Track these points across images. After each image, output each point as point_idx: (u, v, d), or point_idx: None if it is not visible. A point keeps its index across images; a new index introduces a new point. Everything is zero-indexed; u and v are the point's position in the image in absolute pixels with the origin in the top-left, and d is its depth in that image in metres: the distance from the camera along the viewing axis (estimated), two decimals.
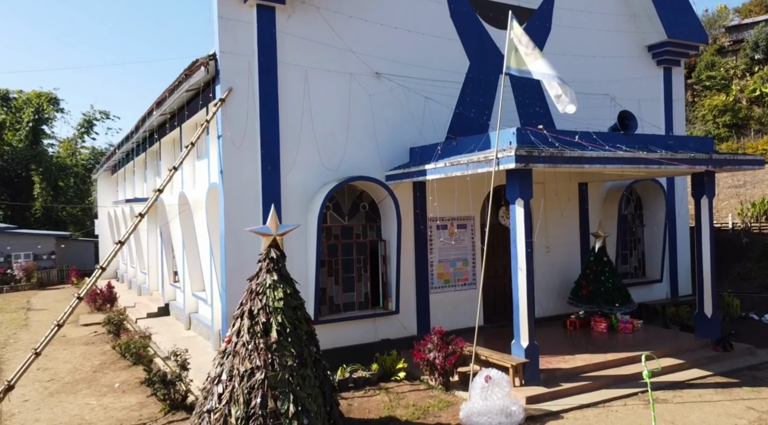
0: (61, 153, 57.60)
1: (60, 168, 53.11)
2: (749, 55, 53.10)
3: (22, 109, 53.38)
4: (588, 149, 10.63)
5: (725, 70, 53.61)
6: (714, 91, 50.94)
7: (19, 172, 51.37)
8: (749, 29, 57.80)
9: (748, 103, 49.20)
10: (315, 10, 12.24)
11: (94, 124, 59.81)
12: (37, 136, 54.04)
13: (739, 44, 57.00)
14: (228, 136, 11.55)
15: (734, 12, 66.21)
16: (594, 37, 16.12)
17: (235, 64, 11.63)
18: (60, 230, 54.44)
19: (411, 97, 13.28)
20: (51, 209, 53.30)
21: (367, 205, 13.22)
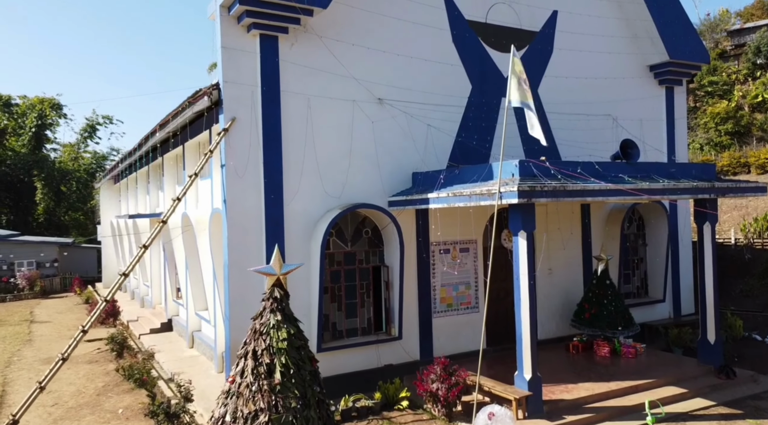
0: (64, 157, 57.67)
1: (62, 173, 53.21)
2: (751, 59, 53.04)
3: (24, 115, 53.46)
4: (590, 181, 10.64)
5: (727, 75, 53.56)
6: (716, 97, 50.90)
7: (21, 177, 51.45)
8: (751, 33, 57.68)
9: (750, 109, 49.15)
10: (317, 38, 12.27)
11: (97, 128, 59.89)
12: (39, 142, 54.16)
13: (741, 48, 56.88)
14: (231, 165, 11.58)
15: (736, 16, 66.14)
16: (595, 59, 16.13)
17: (239, 93, 11.66)
18: (62, 234, 54.58)
19: (413, 123, 13.31)
20: (53, 213, 53.40)
21: (370, 230, 13.25)
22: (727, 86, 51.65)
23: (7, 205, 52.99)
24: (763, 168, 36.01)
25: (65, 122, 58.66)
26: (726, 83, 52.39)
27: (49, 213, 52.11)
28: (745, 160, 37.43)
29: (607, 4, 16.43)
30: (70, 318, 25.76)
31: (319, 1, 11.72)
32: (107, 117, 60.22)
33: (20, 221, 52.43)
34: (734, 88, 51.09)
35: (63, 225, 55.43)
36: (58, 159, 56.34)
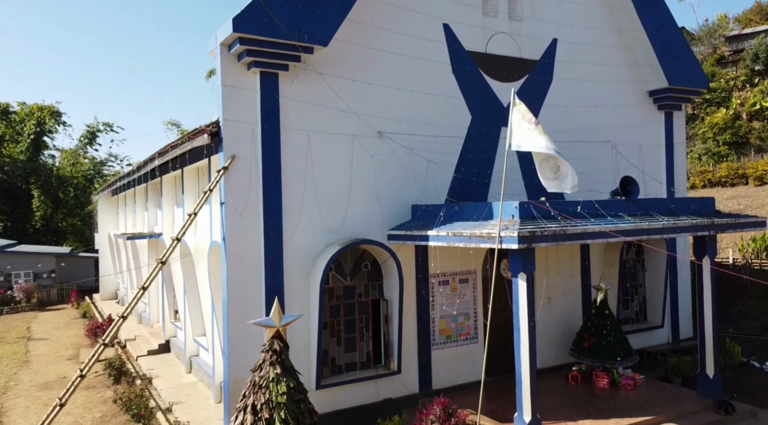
0: (63, 164, 57.56)
1: (60, 180, 53.08)
2: (749, 66, 53.13)
3: (23, 122, 53.32)
4: (590, 222, 10.64)
5: (725, 82, 53.63)
6: (714, 104, 50.99)
7: (19, 184, 51.36)
8: (749, 39, 57.79)
9: (748, 117, 49.22)
10: (318, 75, 12.24)
11: (97, 135, 59.78)
12: (37, 149, 54.03)
13: (739, 54, 56.98)
14: (230, 203, 11.55)
15: (734, 21, 66.22)
16: (595, 88, 16.15)
17: (239, 131, 11.63)
18: (60, 241, 54.52)
19: (413, 157, 13.30)
20: (51, 220, 53.29)
21: (369, 263, 13.24)
22: (725, 93, 51.75)
23: (4, 211, 52.87)
24: (761, 179, 36.08)
25: (64, 130, 58.33)
26: (724, 90, 52.50)
27: (47, 219, 51.97)
28: (743, 171, 37.50)
29: (606, 32, 16.43)
30: (67, 334, 25.69)
31: (320, 39, 11.69)
32: (108, 124, 60.17)
33: (18, 228, 52.31)
34: (732, 95, 51.20)
35: (60, 232, 55.32)
36: (56, 166, 56.16)
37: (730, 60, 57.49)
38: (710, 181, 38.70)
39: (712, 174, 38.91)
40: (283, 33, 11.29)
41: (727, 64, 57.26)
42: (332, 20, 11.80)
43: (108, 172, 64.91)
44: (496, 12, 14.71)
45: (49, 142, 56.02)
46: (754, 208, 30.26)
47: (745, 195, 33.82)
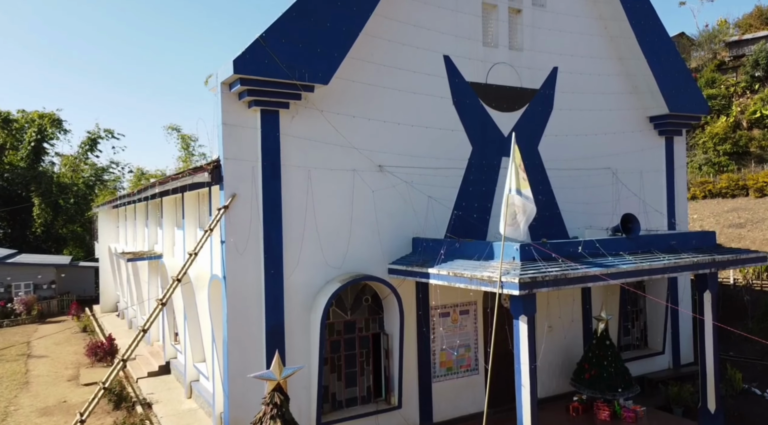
0: (63, 171, 57.53)
1: (61, 187, 53.07)
2: (749, 72, 53.10)
3: (23, 129, 53.29)
4: (591, 264, 10.63)
5: (725, 88, 53.59)
6: (714, 112, 50.93)
7: (19, 192, 51.35)
8: (750, 45, 57.76)
9: (748, 124, 49.19)
10: (318, 112, 12.22)
11: (98, 141, 59.73)
12: (38, 156, 54.02)
13: (739, 60, 56.95)
14: (231, 242, 11.53)
15: (734, 26, 66.19)
16: (596, 116, 16.14)
17: (239, 169, 11.62)
18: (60, 247, 54.50)
19: (414, 192, 13.27)
20: (51, 226, 53.26)
21: (370, 297, 13.23)
22: (725, 100, 51.71)
23: (4, 218, 52.87)
24: (761, 191, 36.07)
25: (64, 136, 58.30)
26: (724, 96, 52.47)
27: (47, 226, 51.94)
28: (744, 182, 37.47)
29: (606, 60, 16.42)
30: (67, 351, 25.65)
31: (321, 77, 11.67)
32: (109, 130, 60.14)
33: (18, 235, 52.32)
34: (732, 103, 51.17)
35: (61, 238, 55.29)
36: (56, 174, 56.13)
37: (730, 66, 57.46)
38: (710, 192, 38.69)
39: (712, 185, 38.90)
40: (283, 72, 11.28)
41: (728, 70, 57.25)
42: (333, 59, 11.78)
43: (108, 177, 65.02)
44: (497, 43, 14.69)
45: (49, 150, 56.08)
46: (754, 222, 30.24)
47: (745, 207, 33.80)
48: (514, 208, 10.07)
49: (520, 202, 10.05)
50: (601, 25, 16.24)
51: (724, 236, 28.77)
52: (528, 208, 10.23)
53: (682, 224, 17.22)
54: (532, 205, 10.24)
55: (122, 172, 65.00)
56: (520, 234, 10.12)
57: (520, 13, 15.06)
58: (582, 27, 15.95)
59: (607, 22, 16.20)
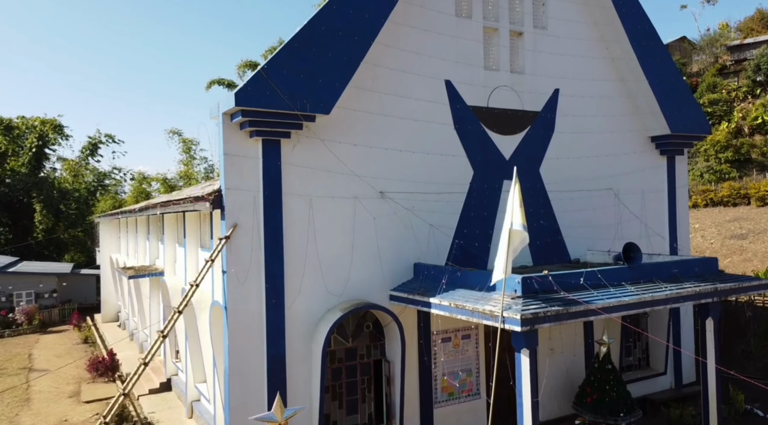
0: (65, 175, 57.59)
1: (62, 193, 53.11)
2: (751, 77, 53.08)
3: (24, 135, 53.32)
4: (594, 295, 10.62)
5: (727, 93, 53.56)
6: (716, 117, 50.88)
7: (20, 198, 51.38)
8: (751, 49, 57.73)
9: (749, 130, 49.14)
10: (320, 141, 12.21)
11: (99, 147, 59.78)
12: (39, 162, 54.06)
13: (740, 64, 56.91)
14: (233, 272, 11.52)
15: (736, 30, 66.16)
16: (597, 138, 16.12)
17: (241, 199, 11.61)
18: (61, 253, 54.52)
19: (415, 220, 13.25)
20: (53, 232, 53.29)
21: (371, 324, 13.21)
22: (727, 106, 51.66)
23: (6, 224, 52.91)
24: (763, 200, 36.01)
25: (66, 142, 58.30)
26: (726, 101, 52.44)
27: (48, 232, 51.95)
28: (745, 191, 37.41)
29: (608, 82, 16.41)
30: (69, 361, 25.64)
31: (322, 107, 11.67)
32: (110, 135, 60.21)
33: (19, 240, 52.30)
34: (734, 109, 51.12)
35: (62, 243, 55.29)
36: (57, 180, 56.16)
37: (731, 70, 57.45)
38: (712, 200, 38.64)
39: (714, 193, 38.85)
40: (285, 103, 11.28)
41: (729, 75, 57.21)
42: (334, 89, 11.77)
43: (110, 182, 65.10)
44: (498, 66, 14.68)
45: (51, 155, 56.16)
46: (756, 233, 30.19)
47: (746, 217, 33.74)
48: (516, 243, 10.04)
49: (521, 237, 10.02)
50: (603, 46, 16.22)
51: (726, 248, 28.75)
52: (525, 238, 10.20)
53: (684, 247, 17.18)
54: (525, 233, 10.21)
55: (124, 177, 65.16)
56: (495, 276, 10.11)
57: (521, 36, 15.04)
58: (583, 49, 15.94)
59: (608, 43, 16.19)
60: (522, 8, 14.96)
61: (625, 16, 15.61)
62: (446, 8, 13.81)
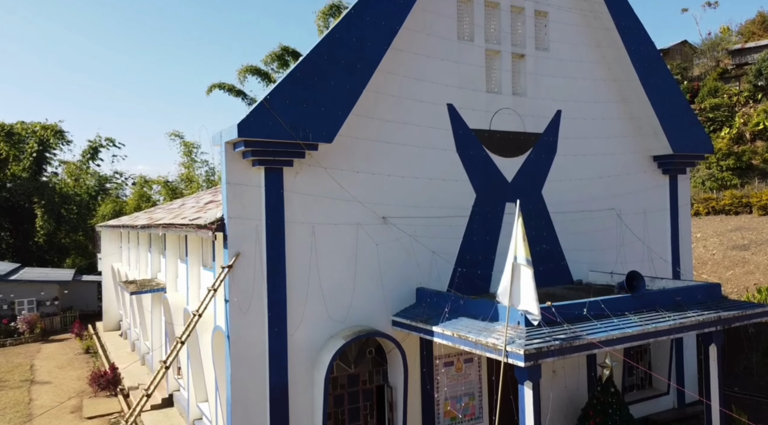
0: (66, 179, 57.64)
1: (63, 197, 53.16)
2: (752, 81, 53.04)
3: (24, 140, 53.33)
4: (597, 330, 10.61)
5: (728, 97, 53.49)
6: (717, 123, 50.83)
7: (22, 203, 51.44)
8: (752, 53, 57.68)
9: (751, 136, 49.09)
10: (322, 169, 12.20)
11: (99, 150, 59.80)
12: (40, 167, 54.09)
13: (742, 68, 56.86)
14: (235, 301, 11.51)
15: (737, 34, 66.13)
16: (600, 159, 16.10)
17: (243, 228, 11.59)
18: (63, 257, 54.55)
19: (417, 246, 13.23)
20: (54, 236, 53.32)
21: (374, 349, 13.21)
22: (728, 111, 51.61)
23: (7, 229, 52.94)
24: (765, 209, 35.95)
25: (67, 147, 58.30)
26: (727, 106, 52.38)
27: (50, 236, 51.97)
28: (747, 200, 37.35)
29: (610, 103, 16.37)
30: (71, 377, 25.66)
31: (325, 136, 11.66)
32: (110, 139, 60.26)
33: (21, 245, 52.40)
34: (735, 114, 51.06)
35: (63, 248, 55.34)
36: (59, 183, 56.20)
37: (733, 74, 57.41)
38: (714, 209, 38.59)
39: (715, 201, 38.80)
40: (287, 133, 11.27)
41: (730, 79, 57.17)
42: (337, 117, 11.76)
43: (111, 186, 65.16)
44: (500, 88, 14.65)
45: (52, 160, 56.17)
46: (758, 244, 30.13)
47: (749, 227, 33.68)
48: (520, 279, 10.03)
49: (527, 273, 10.00)
50: (605, 68, 16.20)
51: (728, 259, 28.69)
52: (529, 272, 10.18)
53: (687, 268, 17.13)
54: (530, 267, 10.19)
55: (125, 181, 65.26)
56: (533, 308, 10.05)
57: (523, 58, 15.01)
58: (585, 71, 15.91)
59: (610, 64, 16.16)
60: (524, 30, 14.94)
61: (627, 37, 15.58)
62: (448, 33, 13.78)
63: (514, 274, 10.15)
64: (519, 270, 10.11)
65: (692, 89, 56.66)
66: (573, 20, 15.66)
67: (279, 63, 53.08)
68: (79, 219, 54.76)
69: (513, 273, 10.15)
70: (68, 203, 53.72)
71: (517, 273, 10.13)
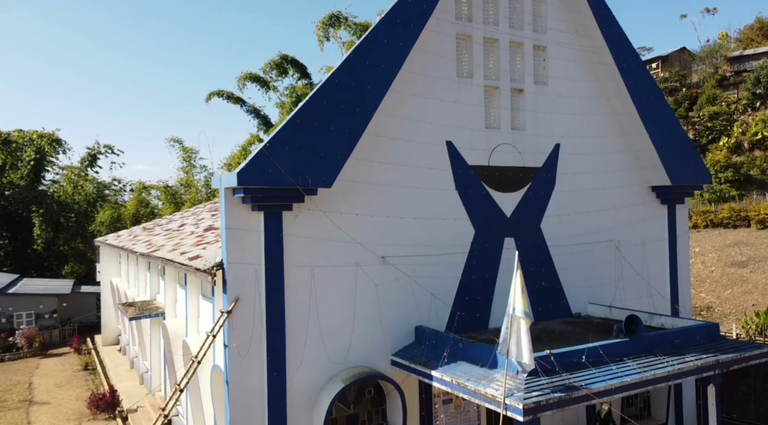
0: (65, 186, 57.60)
1: (61, 205, 53.10)
2: (751, 89, 53.14)
3: (22, 148, 53.28)
4: (596, 378, 10.63)
5: (727, 105, 53.59)
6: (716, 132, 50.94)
7: (20, 211, 51.40)
8: (751, 60, 57.78)
9: (749, 145, 49.20)
10: (321, 212, 12.21)
11: (98, 157, 59.76)
12: (38, 175, 54.04)
13: (740, 75, 56.95)
14: (234, 347, 11.52)
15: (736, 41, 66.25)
16: (598, 193, 16.12)
17: (243, 273, 11.60)
18: (61, 264, 54.53)
19: (416, 287, 13.24)
20: (52, 243, 53.30)
21: (373, 389, 13.21)
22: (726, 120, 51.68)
23: (6, 237, 52.89)
24: (763, 223, 36.08)
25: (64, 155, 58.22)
26: (726, 113, 52.47)
27: (48, 243, 51.93)
28: (746, 213, 37.45)
29: (609, 136, 16.40)
30: (70, 396, 25.61)
31: (324, 181, 11.68)
32: (108, 146, 60.24)
33: (19, 254, 52.36)
34: (734, 123, 51.13)
35: (62, 255, 55.32)
36: (56, 192, 56.15)
37: (731, 82, 57.52)
38: (712, 222, 38.69)
39: (714, 215, 38.89)
40: (287, 179, 11.28)
41: (729, 87, 57.25)
42: (336, 162, 11.78)
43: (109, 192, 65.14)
44: (499, 124, 14.68)
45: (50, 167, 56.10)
46: (757, 261, 30.23)
47: (747, 241, 33.77)
48: (519, 331, 10.05)
49: (525, 325, 10.03)
50: (603, 101, 16.21)
51: (726, 277, 28.76)
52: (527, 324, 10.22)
53: (685, 299, 17.16)
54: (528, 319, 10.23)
55: (123, 188, 65.27)
56: (528, 359, 10.09)
57: (522, 93, 15.03)
58: (584, 104, 15.94)
59: (609, 98, 16.18)
60: (523, 66, 14.96)
61: (626, 70, 15.61)
62: (447, 72, 13.79)
63: (512, 326, 10.17)
64: (517, 322, 10.13)
65: (691, 96, 56.75)
66: (572, 56, 15.69)
67: (278, 71, 53.22)
68: (77, 227, 54.72)
69: (511, 325, 10.17)
70: (66, 211, 53.68)
71: (515, 325, 10.15)
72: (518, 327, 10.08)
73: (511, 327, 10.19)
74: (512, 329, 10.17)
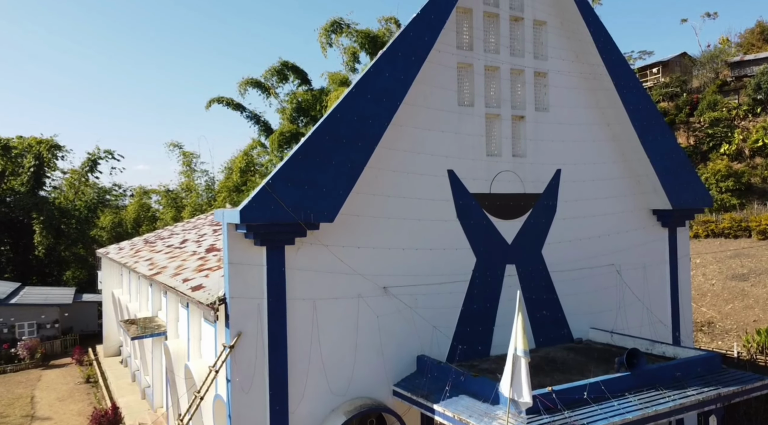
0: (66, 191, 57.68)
1: (62, 212, 53.16)
2: (751, 95, 53.09)
3: (22, 155, 53.32)
4: (596, 412, 10.67)
5: (728, 111, 53.55)
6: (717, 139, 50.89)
7: (21, 218, 51.47)
8: (752, 65, 57.71)
9: (750, 153, 49.17)
10: (323, 246, 12.25)
11: (98, 162, 59.79)
12: (38, 181, 54.10)
13: (741, 80, 56.90)
14: (237, 381, 11.56)
15: (737, 46, 66.20)
16: (599, 219, 16.16)
17: (245, 307, 11.65)
18: (62, 270, 54.62)
19: (417, 318, 13.29)
20: (54, 249, 53.37)
21: (375, 419, 13.25)
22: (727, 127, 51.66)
23: (7, 243, 52.94)
24: (764, 233, 36.05)
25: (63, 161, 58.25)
26: (727, 120, 52.45)
27: (49, 249, 52.00)
28: (746, 224, 37.40)
29: (609, 162, 16.44)
30: (72, 411, 25.67)
31: (326, 216, 11.72)
32: (109, 151, 60.25)
33: (21, 260, 52.42)
34: (734, 130, 51.10)
35: (64, 261, 55.39)
36: (57, 197, 56.23)
37: (732, 87, 57.45)
38: (713, 232, 38.66)
39: (714, 224, 38.86)
40: (289, 215, 11.32)
41: (729, 92, 57.20)
42: (338, 196, 11.82)
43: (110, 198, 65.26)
44: (500, 151, 14.71)
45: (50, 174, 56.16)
46: (758, 274, 30.22)
47: (748, 253, 33.74)
48: (520, 370, 10.10)
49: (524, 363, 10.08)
50: (604, 126, 16.25)
51: (727, 291, 28.74)
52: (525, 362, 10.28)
53: (687, 328, 17.16)
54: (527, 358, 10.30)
55: (124, 193, 65.39)
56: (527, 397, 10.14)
57: (523, 120, 15.06)
58: (584, 131, 15.97)
59: (609, 123, 16.21)
60: (524, 93, 14.99)
61: (627, 96, 15.63)
62: (448, 102, 13.83)
63: (514, 366, 10.22)
64: (518, 361, 10.19)
65: (691, 102, 56.72)
66: (572, 82, 15.73)
67: (278, 77, 53.39)
68: (78, 233, 54.79)
69: (513, 365, 10.22)
70: (67, 217, 53.75)
71: (517, 365, 10.20)
72: (519, 366, 10.13)
73: (514, 366, 10.24)
74: (515, 368, 10.22)
